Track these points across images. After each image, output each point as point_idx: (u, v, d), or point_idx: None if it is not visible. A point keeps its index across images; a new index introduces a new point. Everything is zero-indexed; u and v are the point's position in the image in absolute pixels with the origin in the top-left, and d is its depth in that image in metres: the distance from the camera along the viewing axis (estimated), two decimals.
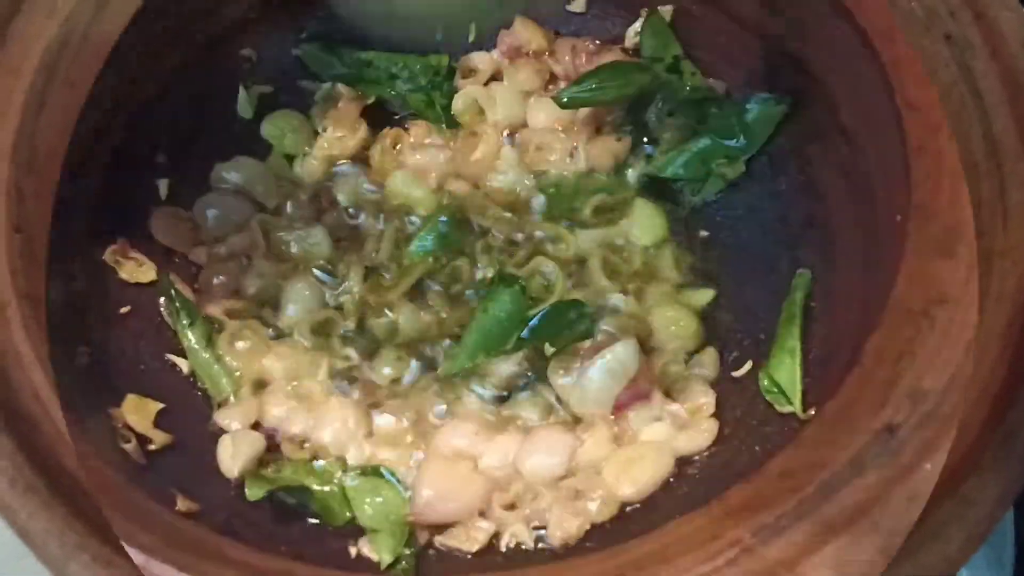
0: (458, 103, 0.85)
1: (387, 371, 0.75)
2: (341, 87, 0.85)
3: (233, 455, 0.69)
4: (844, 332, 0.66)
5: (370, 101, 0.86)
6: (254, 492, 0.67)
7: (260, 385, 0.75)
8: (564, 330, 0.73)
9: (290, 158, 0.85)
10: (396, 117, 0.87)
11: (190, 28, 0.78)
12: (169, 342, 0.75)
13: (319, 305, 0.78)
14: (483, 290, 0.77)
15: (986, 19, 0.59)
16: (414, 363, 0.76)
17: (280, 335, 0.77)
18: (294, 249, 0.80)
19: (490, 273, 0.78)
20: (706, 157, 0.79)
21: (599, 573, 0.49)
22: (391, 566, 0.65)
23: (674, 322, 0.76)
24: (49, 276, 0.65)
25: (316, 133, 0.85)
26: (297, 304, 0.78)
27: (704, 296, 0.78)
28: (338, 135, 0.85)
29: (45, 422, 0.54)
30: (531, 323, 0.73)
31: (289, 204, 0.82)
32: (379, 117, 0.86)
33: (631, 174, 0.83)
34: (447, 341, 0.76)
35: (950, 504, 0.47)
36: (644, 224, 0.81)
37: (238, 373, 0.75)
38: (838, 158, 0.72)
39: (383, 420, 0.73)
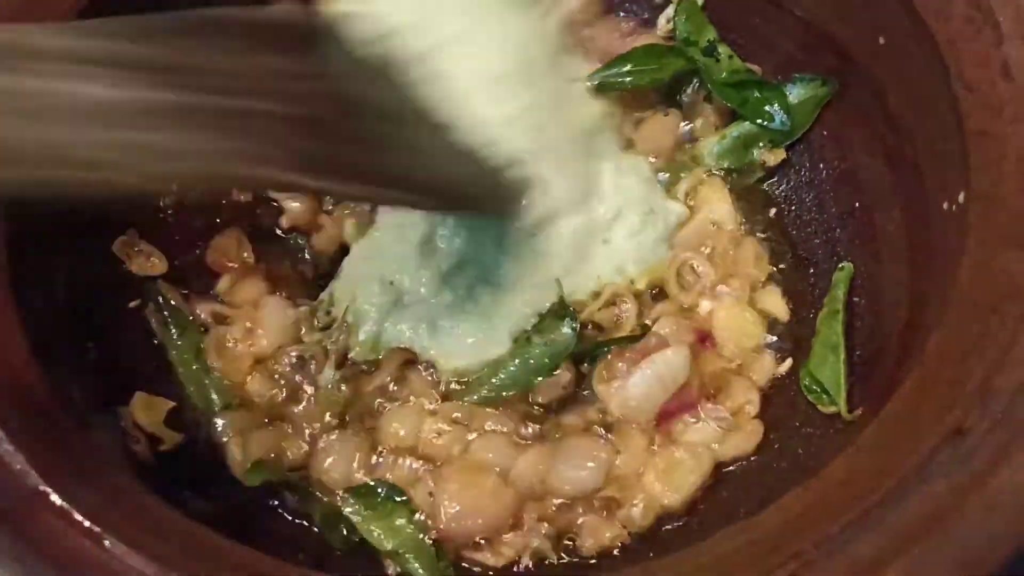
0: None
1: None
2: None
3: (243, 457, 0.66)
4: (892, 329, 0.63)
5: None
6: (252, 478, 0.64)
7: (248, 402, 0.69)
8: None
9: None
10: None
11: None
12: None
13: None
14: None
15: None
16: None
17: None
18: None
19: None
20: (747, 142, 0.76)
21: None
22: None
23: (741, 327, 0.70)
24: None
25: None
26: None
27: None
28: None
29: None
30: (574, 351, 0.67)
31: None
32: None
33: (704, 149, 0.77)
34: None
35: None
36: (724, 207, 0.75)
37: (227, 383, 0.69)
38: (882, 144, 0.69)
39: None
